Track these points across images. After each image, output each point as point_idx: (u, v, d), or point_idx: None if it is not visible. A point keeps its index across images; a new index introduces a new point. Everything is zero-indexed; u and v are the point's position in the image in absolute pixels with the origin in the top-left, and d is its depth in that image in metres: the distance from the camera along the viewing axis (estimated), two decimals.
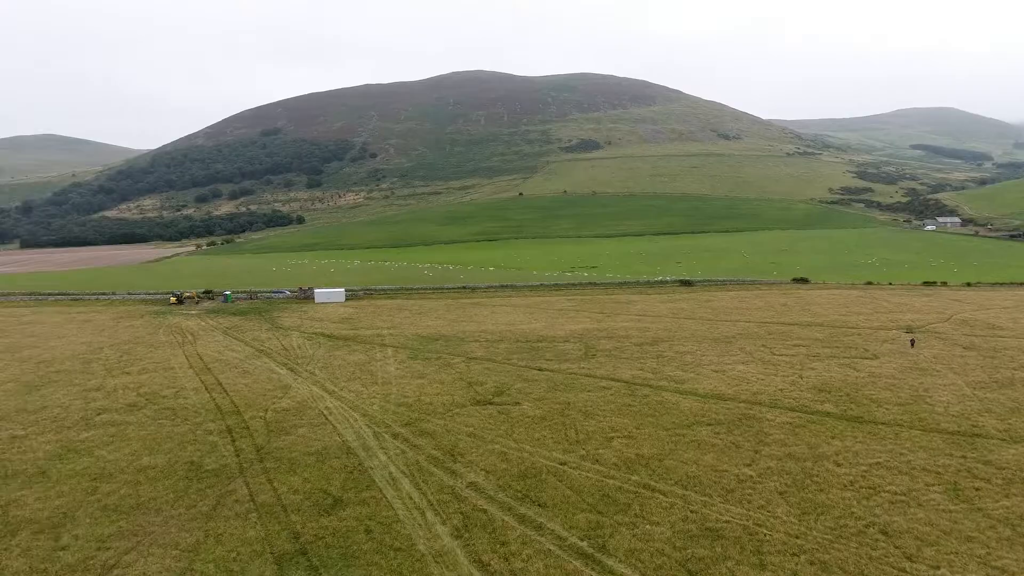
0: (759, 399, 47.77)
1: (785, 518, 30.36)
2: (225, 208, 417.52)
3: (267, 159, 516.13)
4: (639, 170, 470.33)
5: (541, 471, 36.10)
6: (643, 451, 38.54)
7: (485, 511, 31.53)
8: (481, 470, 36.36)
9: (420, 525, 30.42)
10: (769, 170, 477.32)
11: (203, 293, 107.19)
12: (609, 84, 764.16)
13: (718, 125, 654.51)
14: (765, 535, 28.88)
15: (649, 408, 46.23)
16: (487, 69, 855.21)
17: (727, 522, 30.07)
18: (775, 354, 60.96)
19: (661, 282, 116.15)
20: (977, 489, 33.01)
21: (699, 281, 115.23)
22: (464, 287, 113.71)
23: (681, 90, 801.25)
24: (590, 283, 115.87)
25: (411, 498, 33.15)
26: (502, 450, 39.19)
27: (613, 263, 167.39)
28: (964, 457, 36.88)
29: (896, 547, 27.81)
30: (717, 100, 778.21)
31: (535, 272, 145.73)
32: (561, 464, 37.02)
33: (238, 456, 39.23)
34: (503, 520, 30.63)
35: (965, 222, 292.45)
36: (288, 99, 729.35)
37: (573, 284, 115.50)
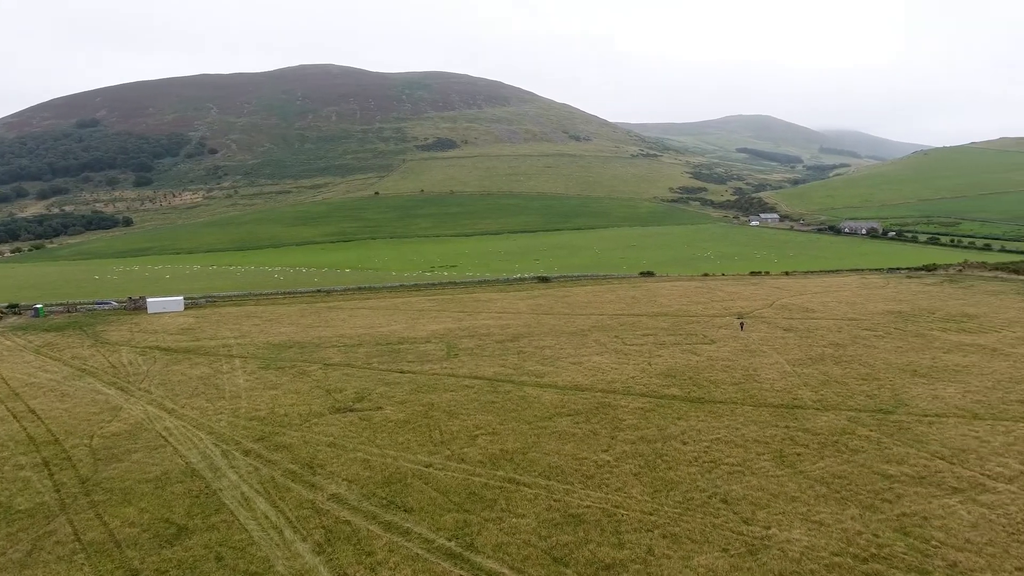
0: (614, 387, 50.41)
1: (640, 497, 32.25)
2: (32, 209, 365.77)
3: (84, 154, 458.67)
4: (496, 169, 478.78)
5: (406, 475, 35.43)
6: (507, 446, 39.13)
7: (349, 522, 30.34)
8: (343, 480, 34.95)
9: (278, 545, 28.59)
10: (617, 170, 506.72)
11: (7, 308, 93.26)
12: (464, 84, 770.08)
13: (569, 127, 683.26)
14: (623, 515, 30.48)
15: (512, 404, 47.07)
16: (338, 64, 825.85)
17: (588, 507, 31.36)
18: (627, 344, 64.67)
19: (520, 279, 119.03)
20: (798, 454, 37.22)
21: (556, 277, 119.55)
22: (319, 290, 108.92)
23: (534, 92, 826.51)
24: (450, 282, 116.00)
25: (267, 517, 31.08)
26: (365, 457, 37.97)
27: (472, 262, 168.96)
28: (787, 427, 41.45)
29: (735, 513, 30.58)
30: (568, 103, 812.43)
31: (394, 273, 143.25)
32: (426, 466, 36.59)
33: (58, 491, 34.51)
34: (368, 530, 29.65)
35: (782, 218, 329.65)
36: (109, 87, 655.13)
37: (433, 284, 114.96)
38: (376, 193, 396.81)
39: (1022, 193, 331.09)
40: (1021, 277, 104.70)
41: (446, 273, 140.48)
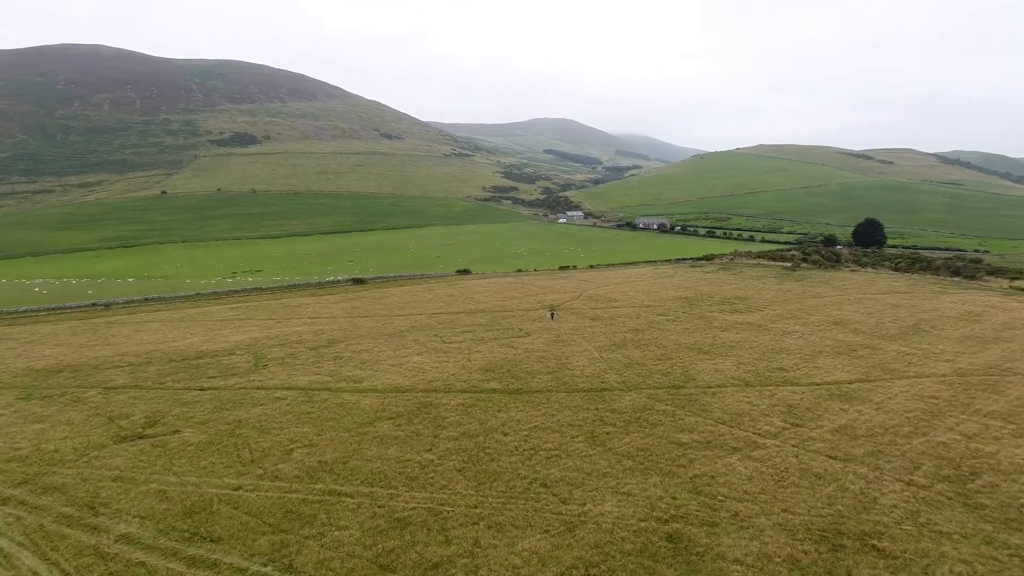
0: (435, 386, 50.35)
1: (464, 492, 32.50)
2: None
3: None
4: (303, 167, 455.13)
5: (212, 502, 32.11)
6: (326, 457, 37.24)
7: (143, 564, 26.73)
8: (134, 517, 30.71)
9: None
10: (430, 169, 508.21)
11: None
12: (264, 75, 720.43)
13: (381, 125, 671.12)
14: (448, 512, 30.49)
15: (330, 412, 44.93)
16: (111, 44, 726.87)
17: (413, 509, 30.90)
18: (446, 342, 65.04)
19: (333, 282, 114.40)
20: (607, 433, 40.12)
21: (371, 278, 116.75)
22: (95, 304, 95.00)
23: (342, 87, 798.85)
24: (256, 288, 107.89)
25: (36, 574, 26.27)
26: (160, 489, 33.74)
27: (281, 265, 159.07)
28: (597, 409, 44.49)
29: (554, 495, 32.08)
30: (378, 100, 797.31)
31: (188, 281, 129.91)
32: (235, 489, 33.49)
33: None
34: (168, 568, 26.38)
35: (586, 215, 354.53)
36: None
37: (236, 291, 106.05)
38: (163, 192, 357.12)
39: (776, 192, 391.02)
40: (778, 263, 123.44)
41: (251, 278, 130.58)
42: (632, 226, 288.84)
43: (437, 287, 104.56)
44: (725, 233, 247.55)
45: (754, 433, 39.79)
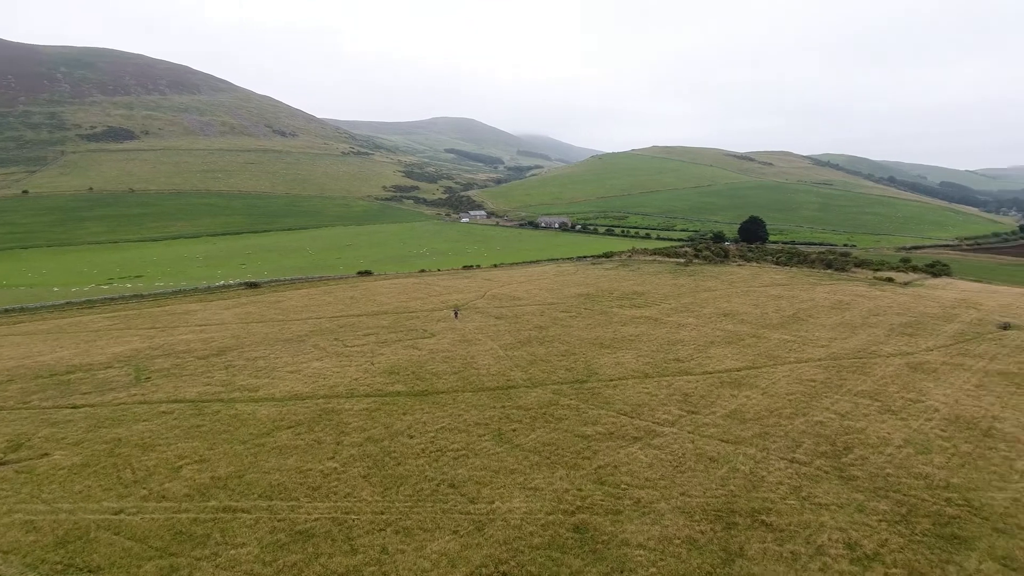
0: (337, 392, 48.72)
1: (370, 499, 31.62)
2: None
3: None
4: (188, 165, 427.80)
5: (89, 529, 29.36)
6: (219, 472, 35.04)
7: None
8: None
9: None
10: (328, 168, 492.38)
11: None
12: (141, 65, 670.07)
13: (273, 121, 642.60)
14: (354, 520, 29.54)
15: (222, 424, 42.34)
16: None
17: (316, 520, 29.70)
18: (348, 346, 63.15)
19: (224, 286, 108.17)
20: (514, 430, 40.39)
21: (266, 282, 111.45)
22: None
23: (230, 80, 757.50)
24: (136, 295, 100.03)
25: None
26: (27, 519, 30.46)
27: (164, 270, 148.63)
28: (503, 407, 44.70)
29: (462, 495, 31.87)
30: (271, 95, 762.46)
31: (57, 289, 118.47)
32: (116, 513, 30.80)
33: None
34: None
35: (489, 214, 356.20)
36: None
37: (113, 298, 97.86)
38: (25, 192, 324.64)
39: (670, 192, 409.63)
40: (672, 260, 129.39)
41: (130, 285, 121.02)
42: (534, 225, 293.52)
43: (337, 289, 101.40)
44: (623, 231, 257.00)
45: (653, 422, 41.42)
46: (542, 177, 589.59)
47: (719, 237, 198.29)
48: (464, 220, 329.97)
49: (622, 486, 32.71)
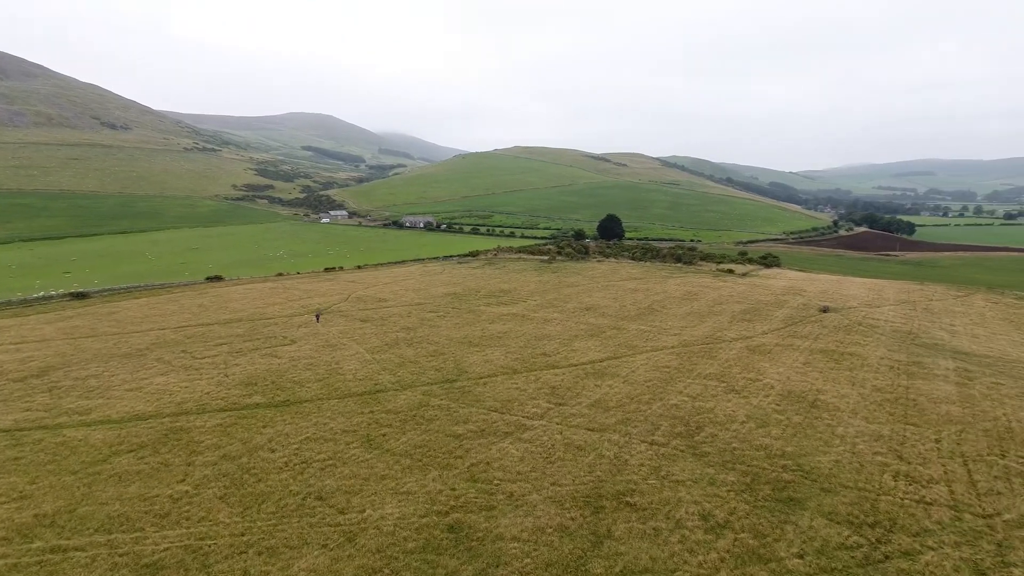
0: (185, 408, 44.71)
1: (228, 521, 29.30)
2: None
3: None
4: None
5: None
6: (44, 509, 30.78)
7: None
8: None
9: None
10: (168, 165, 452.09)
11: None
12: None
13: (101, 112, 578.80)
14: (210, 546, 27.21)
15: (47, 455, 37.26)
16: None
17: (166, 550, 26.99)
18: (197, 358, 58.26)
19: (45, 298, 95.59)
20: (384, 435, 39.33)
21: (97, 292, 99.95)
22: None
23: (46, 66, 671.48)
24: None
25: None
26: None
27: None
28: (372, 411, 43.39)
29: (330, 507, 30.46)
30: (97, 84, 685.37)
31: None
32: None
33: None
34: None
35: (351, 214, 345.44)
36: None
37: None
38: None
39: (533, 191, 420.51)
40: (537, 257, 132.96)
41: None
42: (399, 225, 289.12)
43: (184, 297, 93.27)
44: (488, 230, 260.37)
45: (523, 416, 42.19)
46: (406, 176, 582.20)
47: (580, 235, 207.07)
48: (324, 220, 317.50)
49: (495, 482, 32.95)
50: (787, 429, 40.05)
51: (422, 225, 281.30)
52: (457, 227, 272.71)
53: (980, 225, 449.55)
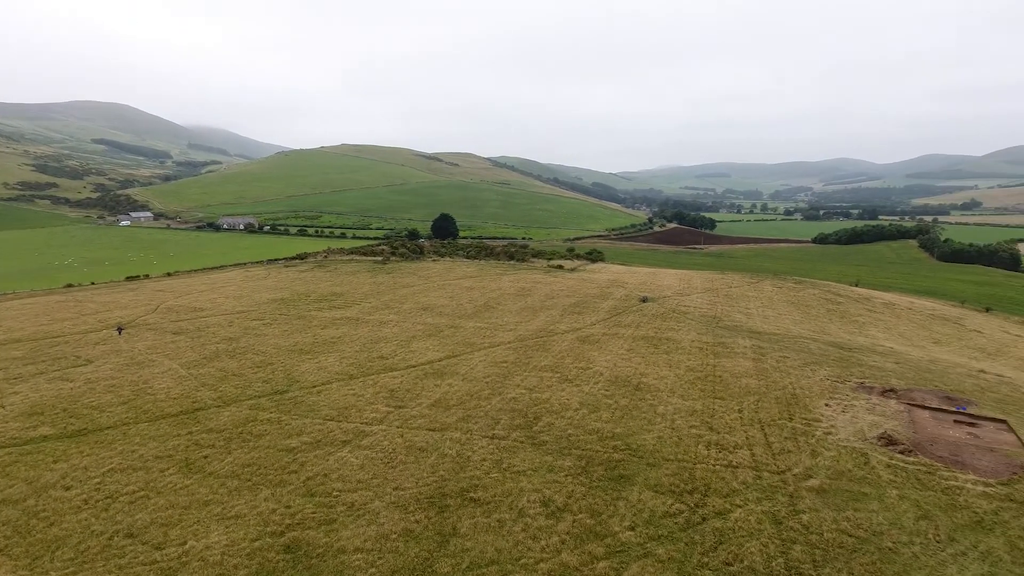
0: None
1: None
2: None
3: None
4: None
5: None
6: None
7: None
8: None
9: None
10: None
11: None
12: None
13: None
14: None
15: None
16: None
17: None
18: None
19: None
20: (206, 457, 35.85)
21: None
22: None
23: None
24: None
25: None
26: None
27: None
28: (191, 433, 39.34)
29: (144, 543, 27.12)
30: None
31: None
32: None
33: None
34: None
35: (157, 216, 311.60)
36: None
37: None
38: None
39: (363, 191, 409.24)
40: (370, 258, 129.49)
41: None
42: (215, 227, 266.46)
43: None
44: (317, 231, 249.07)
45: (362, 423, 40.79)
46: (222, 174, 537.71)
47: (414, 234, 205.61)
48: (125, 223, 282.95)
49: (334, 493, 31.46)
50: (616, 412, 42.87)
51: (242, 227, 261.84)
52: (283, 228, 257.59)
53: (766, 220, 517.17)
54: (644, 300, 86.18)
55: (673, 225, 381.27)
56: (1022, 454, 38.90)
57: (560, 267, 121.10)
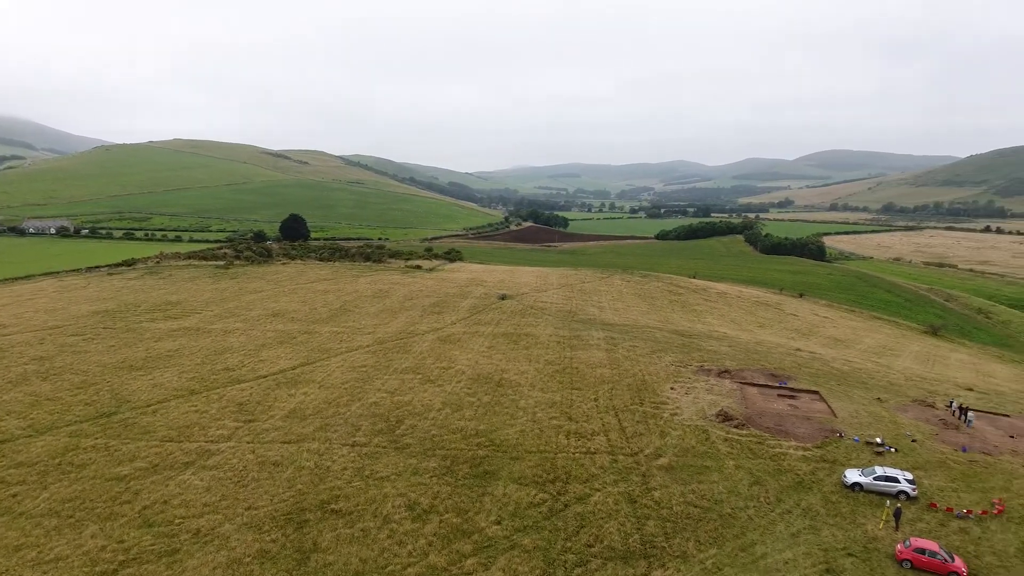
0: None
1: None
2: None
3: None
4: None
5: None
6: None
7: None
8: None
9: None
10: None
11: None
12: None
13: None
14: None
15: None
16: None
17: None
18: None
19: None
20: (14, 496, 31.09)
21: None
22: None
23: None
24: None
25: None
26: None
27: None
28: None
29: None
30: None
31: None
32: None
33: None
34: None
35: None
36: None
37: None
38: None
39: (201, 190, 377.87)
40: (211, 263, 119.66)
41: None
42: (19, 231, 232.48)
43: None
44: (147, 234, 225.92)
45: (207, 441, 37.51)
46: (26, 171, 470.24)
47: (261, 236, 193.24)
48: None
49: (176, 521, 28.62)
50: (479, 410, 43.14)
51: (54, 231, 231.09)
52: (104, 232, 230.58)
53: (614, 219, 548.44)
54: (503, 298, 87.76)
55: (529, 224, 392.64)
56: (832, 420, 44.55)
57: (419, 267, 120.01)
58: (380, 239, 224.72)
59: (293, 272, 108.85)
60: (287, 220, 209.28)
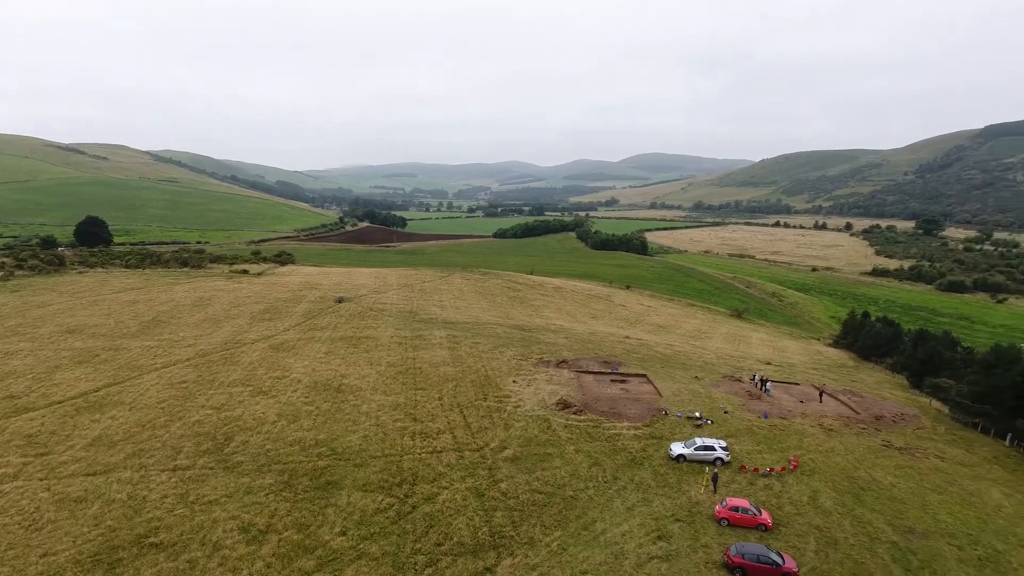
0: None
1: None
2: None
3: None
4: None
5: None
6: None
7: None
8: None
9: None
10: None
11: None
12: None
13: None
14: None
15: None
16: None
17: None
18: None
19: None
20: None
21: None
22: None
23: None
24: None
25: None
26: None
27: None
28: None
29: None
30: None
31: None
32: None
33: None
34: None
35: None
36: None
37: None
38: None
39: None
40: None
41: None
42: None
43: None
44: None
45: None
46: None
47: (49, 242, 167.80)
48: None
49: None
50: (318, 418, 41.06)
51: None
52: None
53: (453, 218, 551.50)
54: (340, 300, 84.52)
55: (365, 224, 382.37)
56: (658, 399, 48.49)
57: (245, 272, 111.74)
58: (199, 242, 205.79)
59: (93, 282, 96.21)
60: (84, 223, 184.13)
